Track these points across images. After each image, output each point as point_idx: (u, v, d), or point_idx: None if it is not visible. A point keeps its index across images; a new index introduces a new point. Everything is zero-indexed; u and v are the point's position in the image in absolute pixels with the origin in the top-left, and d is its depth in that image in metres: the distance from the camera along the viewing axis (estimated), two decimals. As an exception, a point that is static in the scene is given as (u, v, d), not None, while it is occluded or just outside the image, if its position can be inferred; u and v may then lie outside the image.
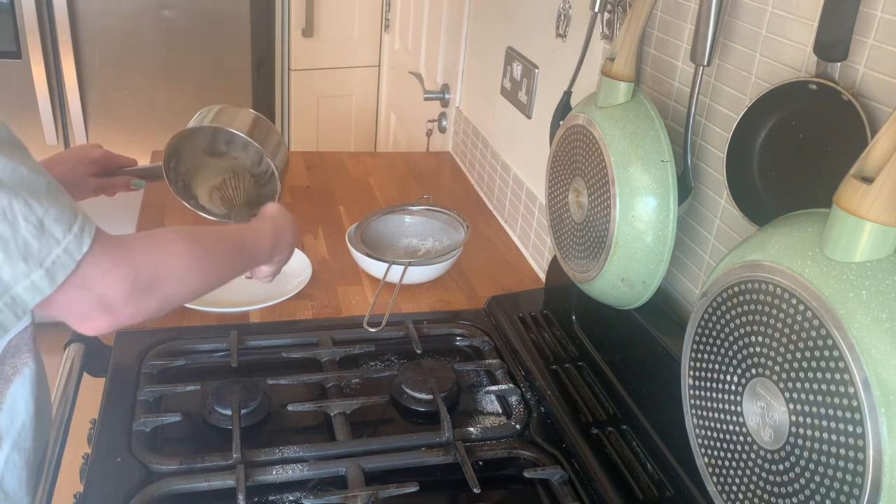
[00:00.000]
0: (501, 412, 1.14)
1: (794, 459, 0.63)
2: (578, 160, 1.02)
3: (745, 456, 0.69)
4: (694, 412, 0.76)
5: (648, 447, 1.00)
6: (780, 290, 0.63)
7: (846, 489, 0.58)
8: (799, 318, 0.61)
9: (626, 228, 0.94)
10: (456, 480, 0.99)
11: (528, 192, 1.57)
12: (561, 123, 1.09)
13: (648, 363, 1.02)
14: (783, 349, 0.63)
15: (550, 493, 0.99)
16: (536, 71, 1.51)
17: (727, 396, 0.71)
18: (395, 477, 0.99)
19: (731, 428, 0.71)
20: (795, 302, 0.62)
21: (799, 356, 0.62)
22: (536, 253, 1.53)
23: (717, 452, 0.73)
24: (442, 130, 2.16)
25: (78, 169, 1.15)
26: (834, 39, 0.73)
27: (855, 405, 0.56)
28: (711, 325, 0.73)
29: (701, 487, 0.77)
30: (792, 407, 0.63)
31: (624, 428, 1.05)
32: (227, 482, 0.93)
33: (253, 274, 1.03)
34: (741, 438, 0.70)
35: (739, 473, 0.70)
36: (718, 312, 0.71)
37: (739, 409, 0.70)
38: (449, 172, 2.02)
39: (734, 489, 0.71)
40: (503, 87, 1.69)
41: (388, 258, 1.36)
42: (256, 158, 1.39)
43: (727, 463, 0.72)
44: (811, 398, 0.61)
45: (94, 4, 2.48)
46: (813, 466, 0.61)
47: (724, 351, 0.71)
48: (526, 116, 1.57)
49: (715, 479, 0.74)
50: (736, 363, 0.70)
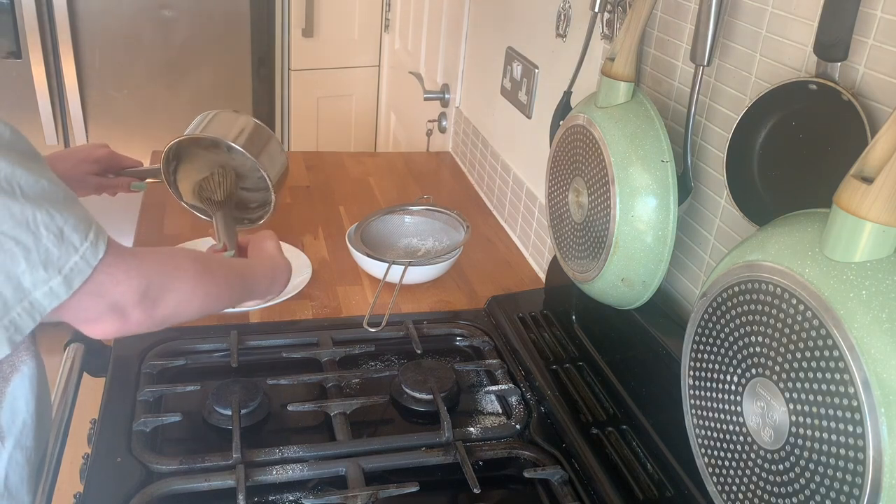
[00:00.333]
0: (501, 412, 1.14)
1: (794, 459, 0.63)
2: (578, 160, 1.02)
3: (745, 456, 0.69)
4: (694, 412, 0.76)
5: (648, 447, 1.00)
6: (780, 290, 0.63)
7: (846, 489, 0.58)
8: (799, 318, 0.61)
9: (626, 228, 0.94)
10: (456, 480, 0.99)
11: (528, 192, 1.57)
12: (561, 123, 1.09)
13: (648, 363, 1.02)
14: (783, 349, 0.63)
15: (550, 493, 1.00)
16: (536, 71, 1.51)
17: (727, 396, 0.71)
18: (395, 477, 0.99)
19: (731, 428, 0.71)
20: (795, 302, 0.62)
21: (799, 356, 0.62)
22: (536, 253, 1.53)
23: (717, 452, 0.73)
24: (442, 130, 2.16)
25: (80, 167, 1.19)
26: (834, 39, 0.73)
27: (855, 405, 0.56)
28: (711, 325, 0.73)
29: (701, 487, 0.77)
30: (792, 407, 0.63)
31: (624, 428, 1.05)
32: (227, 482, 0.93)
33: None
34: (741, 438, 0.70)
35: (739, 473, 0.70)
36: (718, 312, 0.71)
37: (739, 409, 0.70)
38: (449, 172, 2.02)
39: (734, 489, 0.71)
40: (503, 87, 1.69)
41: (388, 258, 1.36)
42: (253, 165, 1.39)
43: (727, 463, 0.72)
44: (811, 398, 0.61)
45: (94, 4, 2.48)
46: (813, 466, 0.61)
47: (724, 351, 0.71)
48: (526, 116, 1.57)
49: (715, 479, 0.74)
50: (736, 363, 0.70)
